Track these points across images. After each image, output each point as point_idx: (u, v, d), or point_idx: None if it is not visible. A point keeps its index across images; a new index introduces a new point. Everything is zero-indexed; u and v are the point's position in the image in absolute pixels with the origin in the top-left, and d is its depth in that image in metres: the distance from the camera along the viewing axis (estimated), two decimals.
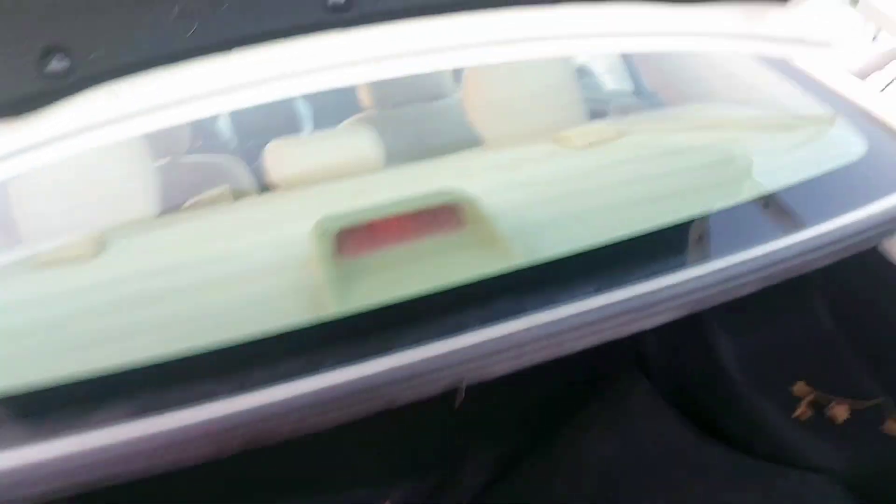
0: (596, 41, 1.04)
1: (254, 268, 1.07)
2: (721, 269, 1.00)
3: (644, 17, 1.02)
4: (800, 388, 1.48)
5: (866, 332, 1.40)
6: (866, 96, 1.32)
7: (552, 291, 0.97)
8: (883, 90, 3.23)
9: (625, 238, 1.04)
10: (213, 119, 2.87)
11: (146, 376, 0.90)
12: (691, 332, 1.62)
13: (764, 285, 1.02)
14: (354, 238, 1.07)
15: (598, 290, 0.96)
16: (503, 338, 0.92)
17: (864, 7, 0.98)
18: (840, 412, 1.43)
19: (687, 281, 0.97)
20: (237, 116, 2.93)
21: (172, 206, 1.48)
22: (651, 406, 1.63)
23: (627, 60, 1.95)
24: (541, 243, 1.07)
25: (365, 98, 2.20)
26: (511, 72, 1.54)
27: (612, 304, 0.95)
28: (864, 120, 1.26)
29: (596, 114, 1.79)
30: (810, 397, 1.48)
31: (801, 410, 1.47)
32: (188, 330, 0.97)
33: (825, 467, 1.39)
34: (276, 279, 1.03)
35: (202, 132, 2.63)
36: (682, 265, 1.00)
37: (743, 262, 1.00)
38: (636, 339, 1.78)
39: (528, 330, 0.93)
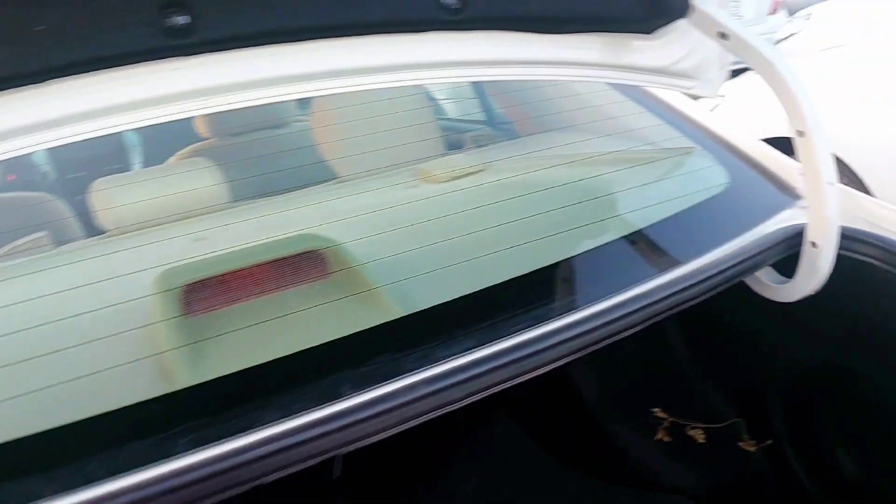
0: (462, 70, 0.98)
1: (83, 332, 0.90)
2: (597, 314, 0.96)
3: (510, 46, 0.97)
4: (658, 413, 1.50)
5: (720, 357, 1.43)
6: (725, 128, 1.36)
7: (428, 345, 0.89)
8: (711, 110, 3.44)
9: (498, 283, 0.99)
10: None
11: None
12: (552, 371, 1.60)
13: (638, 326, 0.99)
14: (204, 293, 0.94)
15: (477, 341, 0.89)
16: (380, 400, 0.83)
17: (734, 41, 0.98)
18: (697, 434, 1.46)
19: (566, 327, 0.93)
20: (54, 148, 2.63)
21: None
22: (512, 441, 1.59)
23: (478, 88, 1.90)
24: (412, 292, 0.99)
25: (200, 127, 2.02)
26: (366, 100, 1.45)
27: (491, 356, 0.88)
28: (724, 152, 1.29)
29: (452, 144, 1.73)
30: (667, 423, 1.51)
31: (660, 435, 1.49)
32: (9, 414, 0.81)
33: (684, 488, 1.42)
34: (113, 346, 0.88)
35: (15, 165, 2.29)
36: (559, 310, 0.96)
37: (618, 305, 0.97)
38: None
39: (406, 390, 0.84)
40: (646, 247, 1.12)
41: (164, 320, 0.89)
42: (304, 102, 1.93)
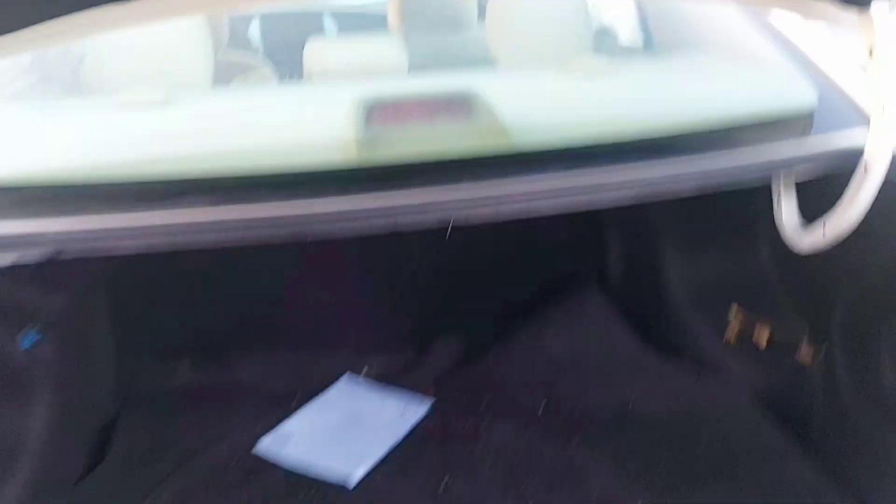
0: None
1: (300, 119, 1.31)
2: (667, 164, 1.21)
3: None
4: (734, 311, 1.69)
5: (797, 268, 1.59)
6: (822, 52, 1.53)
7: (532, 168, 1.19)
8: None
9: (607, 143, 1.26)
10: (246, 23, 3.03)
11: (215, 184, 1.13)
12: (646, 256, 1.86)
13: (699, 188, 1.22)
14: (382, 113, 1.28)
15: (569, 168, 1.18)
16: (486, 187, 1.14)
17: None
18: (762, 337, 1.63)
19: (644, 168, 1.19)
20: (266, 25, 3.09)
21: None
22: (603, 315, 1.88)
23: (641, 13, 2.12)
24: (531, 137, 1.29)
25: (393, 21, 2.38)
26: (533, 4, 1.75)
27: (577, 177, 1.17)
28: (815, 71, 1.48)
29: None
30: (740, 318, 1.69)
31: (731, 332, 1.69)
32: (245, 156, 1.19)
33: (742, 381, 1.64)
34: (320, 132, 1.25)
35: (234, 35, 2.78)
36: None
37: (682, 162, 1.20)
38: (599, 261, 2.03)
39: (504, 185, 1.14)
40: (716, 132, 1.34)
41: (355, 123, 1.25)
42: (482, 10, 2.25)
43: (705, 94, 1.45)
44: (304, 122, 1.31)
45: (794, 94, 1.40)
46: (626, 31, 2.14)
